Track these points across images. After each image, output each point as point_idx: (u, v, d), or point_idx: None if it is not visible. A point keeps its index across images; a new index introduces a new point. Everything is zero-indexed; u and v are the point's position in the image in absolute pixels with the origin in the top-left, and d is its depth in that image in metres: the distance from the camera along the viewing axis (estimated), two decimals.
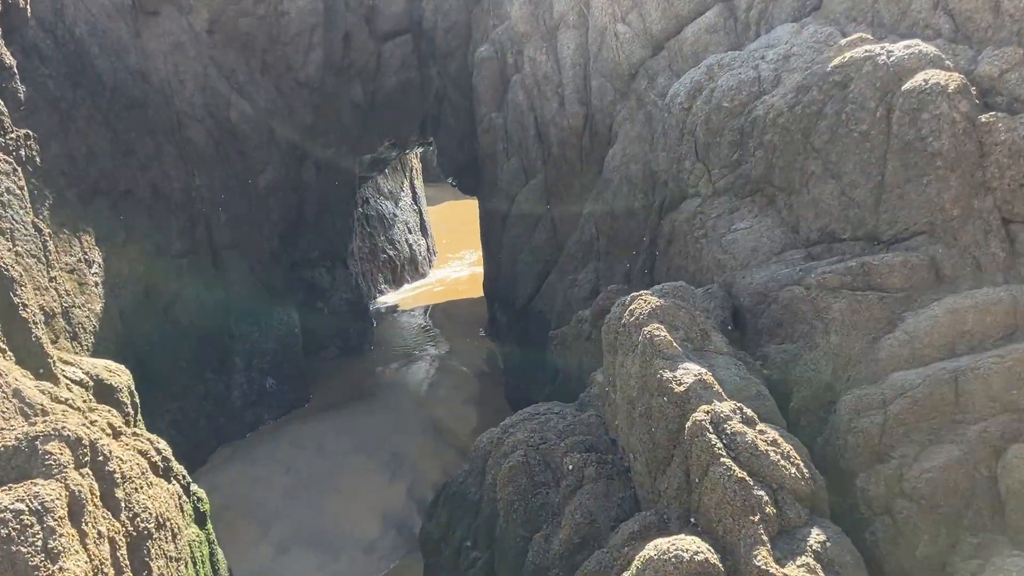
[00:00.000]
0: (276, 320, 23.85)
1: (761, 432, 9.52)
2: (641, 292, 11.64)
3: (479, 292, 31.94)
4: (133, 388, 13.10)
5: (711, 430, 9.35)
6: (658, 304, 11.01)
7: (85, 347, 17.78)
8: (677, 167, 16.33)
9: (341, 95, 26.90)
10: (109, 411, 11.75)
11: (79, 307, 17.82)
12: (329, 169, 27.33)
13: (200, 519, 13.11)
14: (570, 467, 11.51)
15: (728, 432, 9.32)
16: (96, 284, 18.64)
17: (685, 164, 16.14)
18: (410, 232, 36.55)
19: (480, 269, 30.71)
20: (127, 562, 9.22)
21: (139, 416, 13.17)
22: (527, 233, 22.17)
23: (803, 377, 11.86)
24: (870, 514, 10.37)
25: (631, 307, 11.22)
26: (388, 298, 34.20)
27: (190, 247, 21.71)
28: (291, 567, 16.53)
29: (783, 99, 13.99)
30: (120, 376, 13.00)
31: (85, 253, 18.52)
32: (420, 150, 33.39)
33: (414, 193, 37.80)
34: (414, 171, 37.98)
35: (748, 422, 9.55)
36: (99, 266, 18.86)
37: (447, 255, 39.88)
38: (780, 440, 9.55)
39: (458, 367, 26.31)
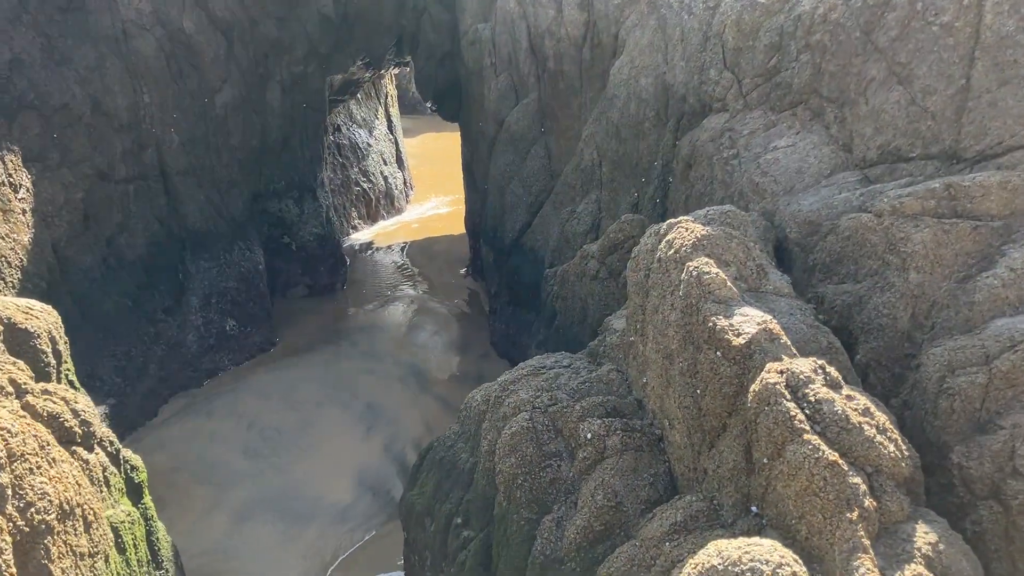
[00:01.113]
0: (237, 255, 21.26)
1: (849, 398, 7.21)
2: (680, 219, 9.19)
3: (460, 229, 29.46)
4: (58, 333, 10.56)
5: (788, 396, 7.03)
6: (704, 233, 8.58)
7: (10, 284, 15.20)
8: (699, 78, 13.82)
9: (309, 5, 23.92)
10: (14, 363, 9.30)
11: (2, 237, 15.22)
12: (296, 90, 24.48)
13: (135, 492, 10.74)
14: (588, 435, 9.19)
15: (811, 399, 7.00)
16: (23, 212, 15.96)
17: (709, 74, 13.64)
18: (385, 164, 33.76)
19: (461, 207, 28.24)
20: (12, 571, 6.83)
21: (63, 367, 10.67)
22: (518, 160, 19.62)
23: (872, 324, 9.55)
24: (970, 499, 8.16)
25: (669, 237, 8.79)
26: (362, 235, 31.56)
27: (137, 172, 18.98)
28: (250, 539, 14.23)
29: None
30: (39, 319, 10.43)
31: (10, 175, 15.82)
32: (396, 71, 30.48)
33: (389, 122, 34.90)
34: (389, 98, 35.01)
35: (833, 385, 7.23)
36: (27, 191, 16.15)
37: (426, 192, 37.16)
38: (873, 409, 7.26)
39: (438, 308, 23.92)
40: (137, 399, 17.67)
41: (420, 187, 37.29)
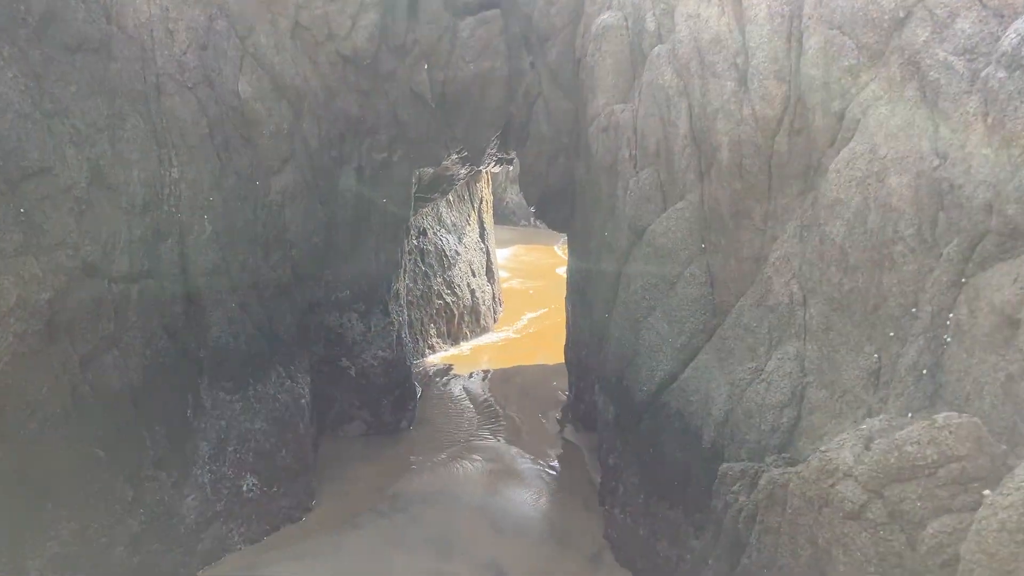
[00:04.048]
0: (274, 385, 15.52)
1: None
2: None
3: (555, 358, 23.44)
4: None
5: None
6: None
7: None
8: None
9: (400, 81, 18.86)
10: None
11: None
12: (376, 180, 19.24)
13: None
14: None
15: None
16: None
17: None
18: (474, 275, 28.23)
19: (556, 331, 22.35)
20: None
21: None
22: (663, 285, 13.61)
23: None
24: None
25: None
26: (440, 356, 25.78)
27: (147, 268, 13.57)
28: None
29: None
30: None
31: None
32: (497, 169, 25.23)
33: (482, 229, 29.55)
34: (484, 202, 29.77)
35: None
36: None
37: (517, 311, 31.44)
38: None
39: (527, 470, 17.62)
40: None
41: (510, 305, 31.61)
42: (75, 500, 11.47)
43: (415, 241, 25.00)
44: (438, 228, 26.56)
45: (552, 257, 42.62)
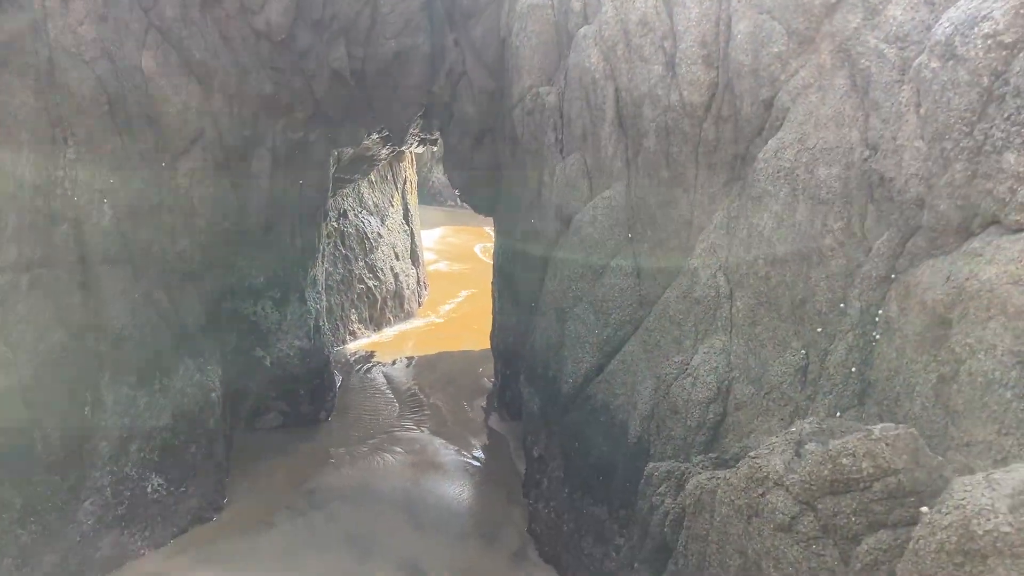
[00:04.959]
0: (181, 379, 14.62)
1: None
2: None
3: (481, 344, 22.98)
4: None
5: None
6: None
7: None
8: (969, 167, 7.45)
9: (317, 58, 17.92)
10: None
11: None
12: (292, 161, 18.30)
13: None
14: None
15: None
16: None
17: (989, 161, 7.30)
18: (398, 258, 27.45)
19: (482, 316, 21.84)
20: None
21: None
22: (589, 275, 13.18)
23: None
24: None
25: None
26: (361, 343, 25.01)
27: (39, 257, 12.53)
28: None
29: None
30: None
31: None
32: (420, 149, 24.45)
33: (406, 210, 28.75)
34: (408, 183, 28.95)
35: None
36: None
37: (442, 295, 30.80)
38: None
39: (451, 462, 17.09)
40: None
41: (435, 288, 30.95)
42: None
43: (335, 223, 24.11)
44: (359, 210, 25.69)
45: (480, 238, 42.01)
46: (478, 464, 17.02)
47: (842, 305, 9.04)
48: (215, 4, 16.31)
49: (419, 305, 28.84)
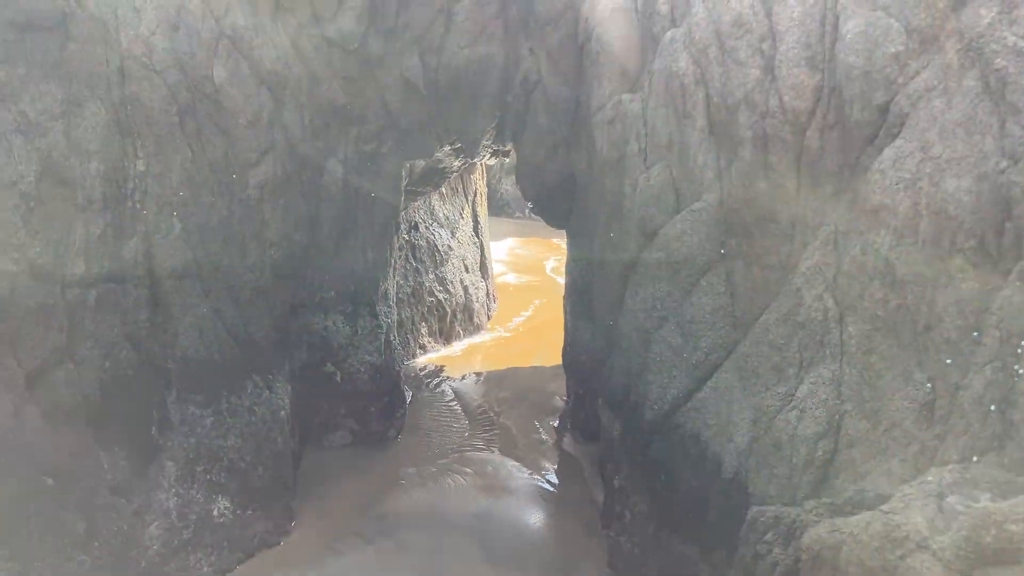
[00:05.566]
0: (250, 396, 14.14)
1: None
2: None
3: (552, 359, 22.14)
4: None
5: None
6: None
7: None
8: None
9: (389, 68, 17.40)
10: None
11: None
12: (364, 173, 17.78)
13: None
14: None
15: None
16: None
17: None
18: (467, 271, 26.83)
19: (552, 330, 21.04)
20: None
21: None
22: (677, 293, 12.25)
23: None
24: None
25: None
26: (431, 357, 24.41)
27: (107, 272, 12.17)
28: None
29: None
30: None
31: None
32: (493, 161, 23.78)
33: (476, 222, 28.13)
34: (478, 194, 28.34)
35: None
36: None
37: (511, 308, 30.06)
38: None
39: (523, 485, 16.27)
40: None
41: (504, 301, 30.24)
42: (17, 537, 10.09)
43: (406, 236, 23.59)
44: (430, 222, 25.16)
45: (550, 250, 41.21)
46: (552, 490, 16.18)
47: (976, 334, 7.98)
48: (287, 12, 15.93)
49: (488, 318, 28.17)
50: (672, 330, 12.23)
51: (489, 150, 20.78)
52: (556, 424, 19.71)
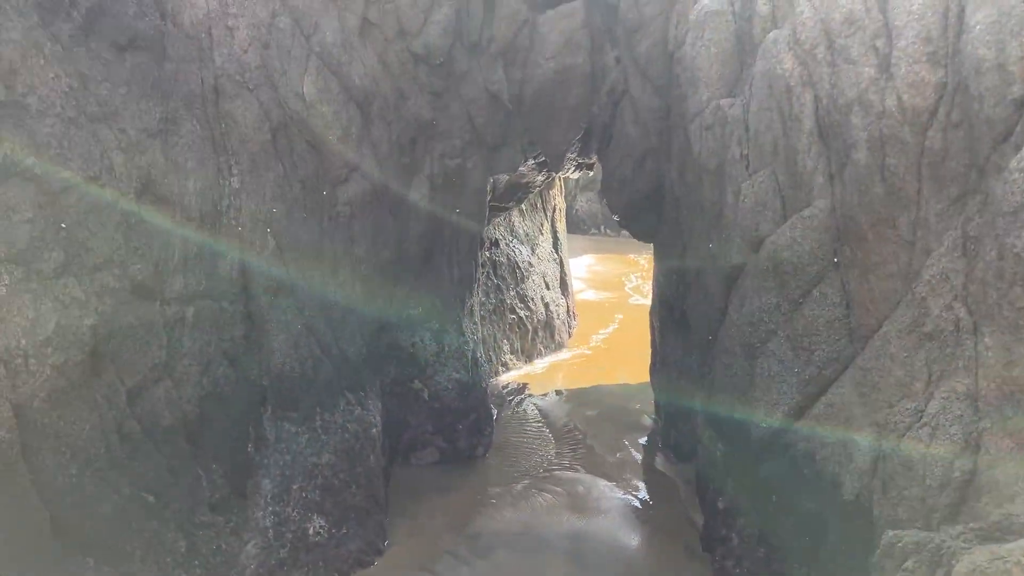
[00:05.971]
0: (343, 413, 14.00)
1: None
2: None
3: (639, 376, 21.63)
4: None
5: None
6: None
7: None
8: None
9: (474, 82, 17.25)
10: None
11: None
12: (449, 189, 17.62)
13: None
14: None
15: None
16: None
17: None
18: (548, 288, 26.48)
19: (636, 346, 20.49)
20: None
21: None
22: (786, 305, 11.66)
23: None
24: None
25: None
26: (513, 375, 24.09)
27: (204, 288, 12.16)
28: None
29: None
30: None
31: None
32: (577, 175, 23.44)
33: (555, 238, 27.80)
34: (557, 210, 28.02)
35: None
36: None
37: (591, 325, 29.58)
38: None
39: (613, 505, 15.73)
40: None
41: (584, 318, 29.78)
42: (119, 554, 10.02)
43: (487, 253, 23.37)
44: (510, 238, 24.91)
45: (628, 267, 40.65)
46: (647, 511, 15.61)
47: None
48: (374, 28, 15.91)
49: (569, 336, 27.73)
50: (781, 343, 11.63)
51: (573, 163, 20.43)
52: (644, 442, 19.13)
